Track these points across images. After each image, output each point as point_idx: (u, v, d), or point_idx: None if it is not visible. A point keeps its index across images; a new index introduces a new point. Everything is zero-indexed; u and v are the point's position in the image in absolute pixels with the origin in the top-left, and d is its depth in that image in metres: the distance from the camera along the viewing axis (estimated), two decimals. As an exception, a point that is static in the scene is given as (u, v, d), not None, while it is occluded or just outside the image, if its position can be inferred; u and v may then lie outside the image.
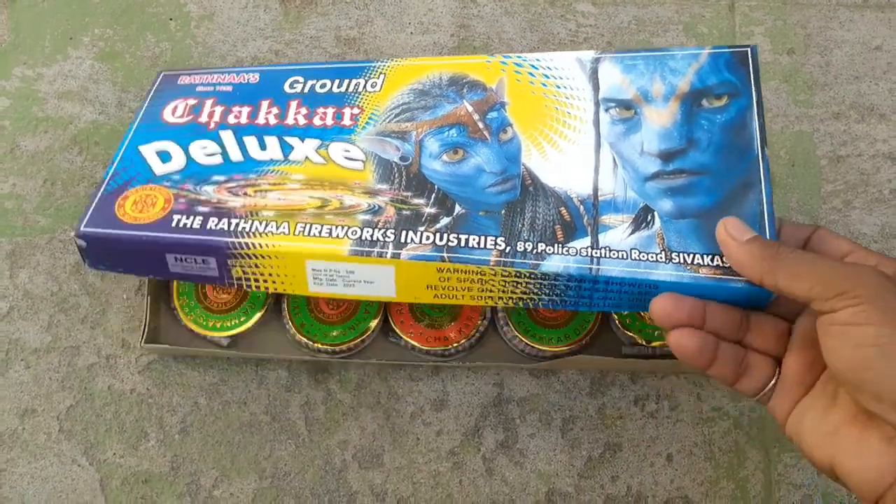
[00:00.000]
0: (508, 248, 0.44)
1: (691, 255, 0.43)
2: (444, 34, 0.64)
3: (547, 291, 0.44)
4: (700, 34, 0.64)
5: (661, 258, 0.43)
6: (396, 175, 0.48)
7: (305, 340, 0.54)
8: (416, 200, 0.47)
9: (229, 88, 0.54)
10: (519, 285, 0.44)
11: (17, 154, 0.60)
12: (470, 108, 0.50)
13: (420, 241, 0.45)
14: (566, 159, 0.47)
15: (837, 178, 0.61)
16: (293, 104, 0.52)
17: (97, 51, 0.63)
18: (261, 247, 0.45)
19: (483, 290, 0.45)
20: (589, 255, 0.44)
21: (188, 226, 0.46)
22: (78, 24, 0.63)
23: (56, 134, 0.61)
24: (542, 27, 0.64)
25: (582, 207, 0.46)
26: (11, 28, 0.63)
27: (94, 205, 0.47)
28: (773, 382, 0.42)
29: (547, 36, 0.64)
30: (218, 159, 0.49)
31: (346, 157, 0.49)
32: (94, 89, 0.62)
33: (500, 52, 0.58)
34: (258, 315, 0.55)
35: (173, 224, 0.46)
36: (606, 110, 0.49)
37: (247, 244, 0.45)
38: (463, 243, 0.44)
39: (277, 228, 0.45)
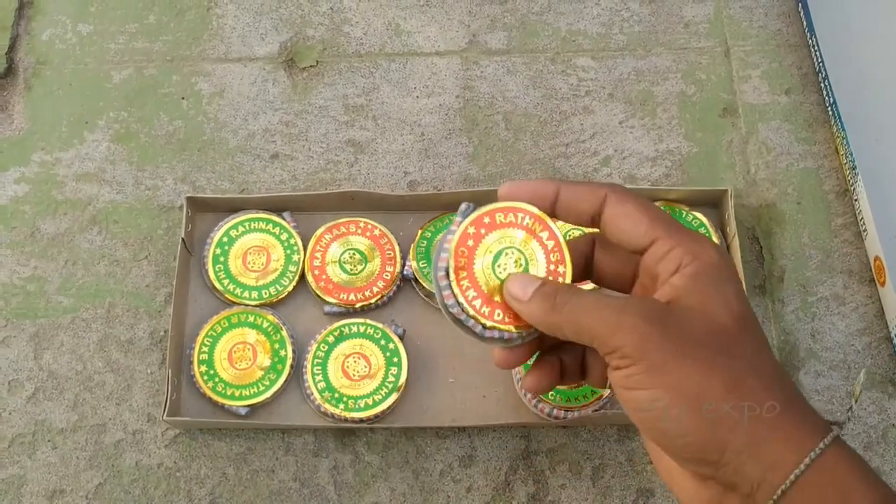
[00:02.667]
0: None
1: None
2: (450, 96, 0.65)
3: None
4: (699, 80, 0.66)
5: None
6: None
7: (332, 410, 0.54)
8: None
9: None
10: None
11: (37, 237, 0.61)
12: None
13: None
14: None
15: (846, 211, 0.62)
16: None
17: (112, 133, 0.64)
18: None
19: None
20: None
21: None
22: (93, 109, 0.65)
23: (75, 215, 0.62)
24: (543, 83, 0.66)
25: None
26: (29, 116, 0.65)
27: None
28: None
29: (549, 92, 0.66)
30: None
31: None
32: (111, 170, 0.63)
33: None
34: (279, 384, 0.56)
35: None
36: None
37: None
38: None
39: None
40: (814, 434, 0.36)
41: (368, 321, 0.57)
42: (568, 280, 0.42)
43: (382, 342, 0.57)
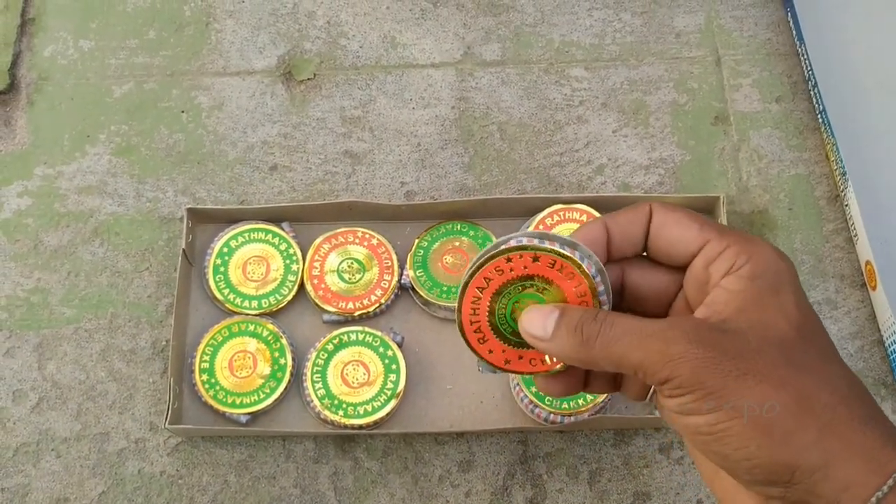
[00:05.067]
0: None
1: None
2: (445, 107, 0.66)
3: None
4: (690, 89, 0.67)
5: None
6: None
7: (332, 417, 0.55)
8: None
9: None
10: None
11: (40, 250, 0.62)
12: None
13: None
14: None
15: (837, 217, 0.62)
16: None
17: (114, 146, 0.65)
18: None
19: None
20: None
21: None
22: (94, 123, 0.66)
23: (77, 228, 0.63)
24: (538, 94, 0.67)
25: None
26: (31, 130, 0.66)
27: None
28: (653, 389, 0.40)
29: (543, 102, 0.67)
30: None
31: None
32: (113, 182, 0.64)
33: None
34: (279, 392, 0.57)
35: None
36: None
37: None
38: None
39: None
40: (895, 453, 0.33)
41: (367, 329, 0.58)
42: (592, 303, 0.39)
43: (381, 349, 0.57)
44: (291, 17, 0.70)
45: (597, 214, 0.60)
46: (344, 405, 0.56)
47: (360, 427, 0.56)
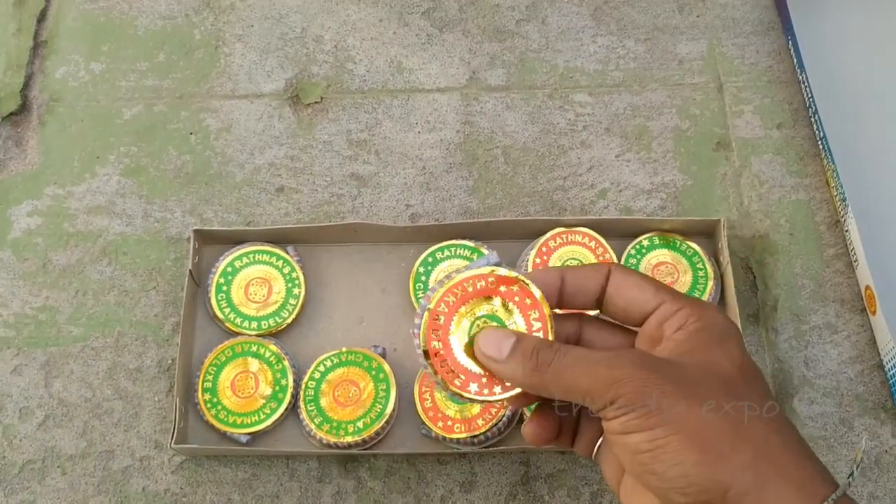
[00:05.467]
0: None
1: None
2: (450, 131, 0.67)
3: None
4: (693, 115, 0.68)
5: None
6: None
7: (329, 439, 0.56)
8: None
9: None
10: None
11: (49, 269, 0.63)
12: None
13: None
14: None
15: (838, 242, 0.63)
16: None
17: (123, 167, 0.66)
18: None
19: None
20: None
21: None
22: (104, 144, 0.67)
23: (86, 247, 0.63)
24: (542, 119, 0.68)
25: None
26: (42, 151, 0.67)
27: None
28: (599, 441, 0.42)
29: (547, 126, 0.67)
30: None
31: None
32: (121, 203, 0.65)
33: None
34: (279, 412, 0.57)
35: None
36: None
37: None
38: None
39: None
40: (824, 484, 0.34)
41: (348, 349, 0.59)
42: (550, 337, 0.41)
43: (365, 364, 0.58)
44: (299, 42, 0.71)
45: (599, 238, 0.60)
46: (343, 425, 0.56)
47: (364, 441, 0.56)
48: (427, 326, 0.41)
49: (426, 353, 0.41)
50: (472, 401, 0.41)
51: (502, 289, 0.42)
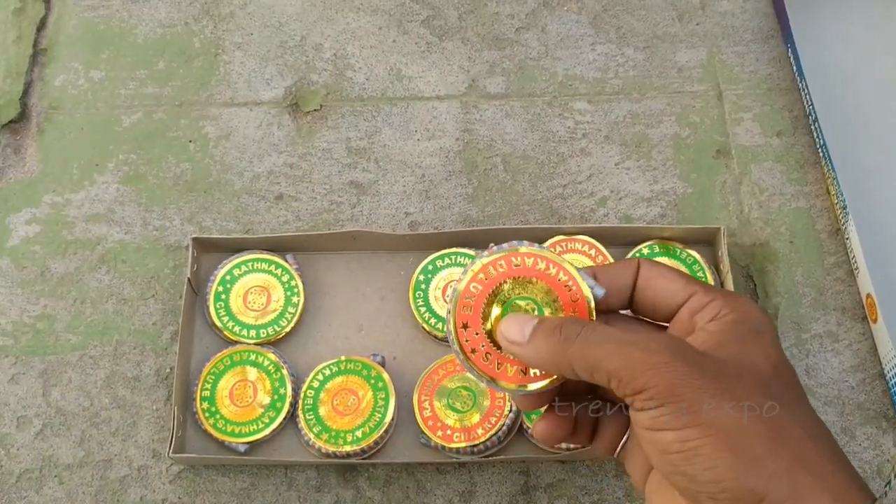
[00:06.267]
0: None
1: None
2: (450, 139, 0.67)
3: None
4: (692, 123, 0.68)
5: None
6: None
7: (328, 448, 0.55)
8: None
9: None
10: None
11: (47, 277, 0.63)
12: None
13: None
14: None
15: (838, 250, 0.63)
16: None
17: (122, 175, 0.66)
18: None
19: None
20: None
21: None
22: (103, 152, 0.67)
23: (84, 255, 0.63)
24: (541, 126, 0.68)
25: None
26: (41, 159, 0.67)
27: None
28: (623, 440, 0.40)
29: (547, 134, 0.67)
30: None
31: None
32: (120, 210, 0.65)
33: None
34: (278, 421, 0.57)
35: None
36: None
37: None
38: None
39: None
40: (860, 494, 0.33)
41: (347, 357, 0.58)
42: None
43: (364, 372, 0.58)
44: (299, 50, 0.71)
45: (599, 246, 0.60)
46: (342, 434, 0.56)
47: (363, 451, 0.56)
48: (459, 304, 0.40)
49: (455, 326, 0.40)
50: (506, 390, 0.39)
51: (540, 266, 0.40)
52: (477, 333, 0.39)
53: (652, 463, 0.36)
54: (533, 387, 0.39)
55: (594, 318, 0.39)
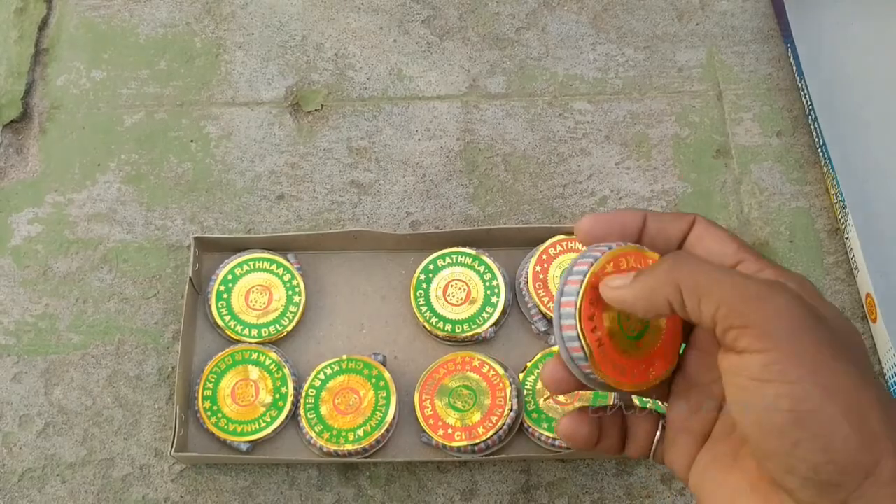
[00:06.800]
0: None
1: None
2: (451, 138, 0.67)
3: None
4: (692, 123, 0.68)
5: None
6: None
7: (330, 447, 0.56)
8: None
9: None
10: None
11: (49, 276, 0.63)
12: None
13: None
14: None
15: (838, 250, 0.63)
16: None
17: (123, 174, 0.66)
18: None
19: None
20: None
21: None
22: (105, 152, 0.67)
23: (86, 255, 0.63)
24: (542, 126, 0.68)
25: None
26: (43, 158, 0.67)
27: None
28: (657, 437, 0.39)
29: (547, 134, 0.68)
30: None
31: None
32: (122, 210, 0.65)
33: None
34: (279, 420, 0.57)
35: None
36: None
37: None
38: None
39: None
40: None
41: (348, 356, 0.59)
42: None
43: (366, 371, 0.58)
44: (300, 50, 0.71)
45: (599, 245, 0.60)
46: (343, 433, 0.56)
47: (364, 450, 0.56)
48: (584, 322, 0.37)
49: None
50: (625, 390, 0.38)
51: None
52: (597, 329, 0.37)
53: (742, 425, 0.31)
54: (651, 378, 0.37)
55: None
